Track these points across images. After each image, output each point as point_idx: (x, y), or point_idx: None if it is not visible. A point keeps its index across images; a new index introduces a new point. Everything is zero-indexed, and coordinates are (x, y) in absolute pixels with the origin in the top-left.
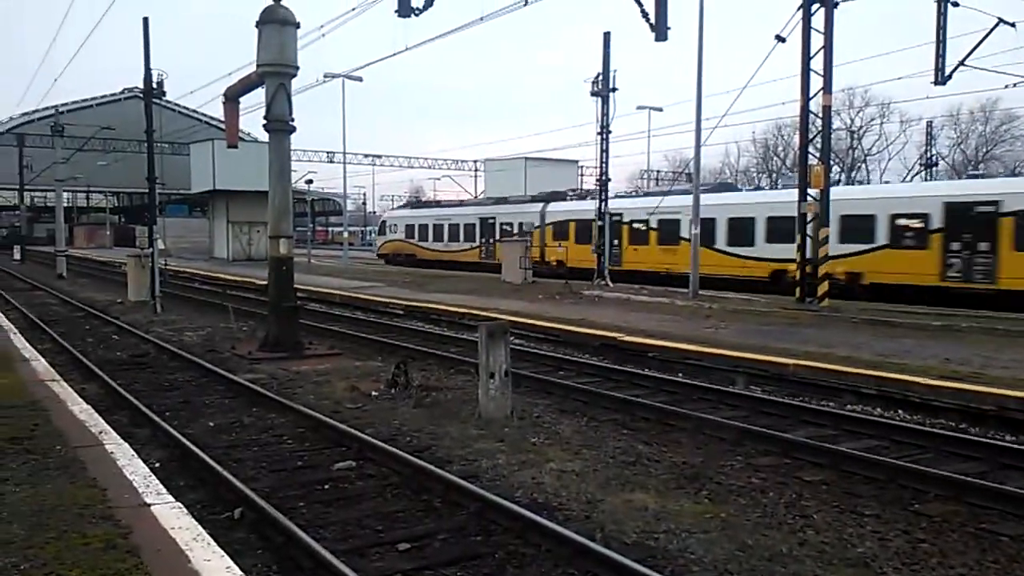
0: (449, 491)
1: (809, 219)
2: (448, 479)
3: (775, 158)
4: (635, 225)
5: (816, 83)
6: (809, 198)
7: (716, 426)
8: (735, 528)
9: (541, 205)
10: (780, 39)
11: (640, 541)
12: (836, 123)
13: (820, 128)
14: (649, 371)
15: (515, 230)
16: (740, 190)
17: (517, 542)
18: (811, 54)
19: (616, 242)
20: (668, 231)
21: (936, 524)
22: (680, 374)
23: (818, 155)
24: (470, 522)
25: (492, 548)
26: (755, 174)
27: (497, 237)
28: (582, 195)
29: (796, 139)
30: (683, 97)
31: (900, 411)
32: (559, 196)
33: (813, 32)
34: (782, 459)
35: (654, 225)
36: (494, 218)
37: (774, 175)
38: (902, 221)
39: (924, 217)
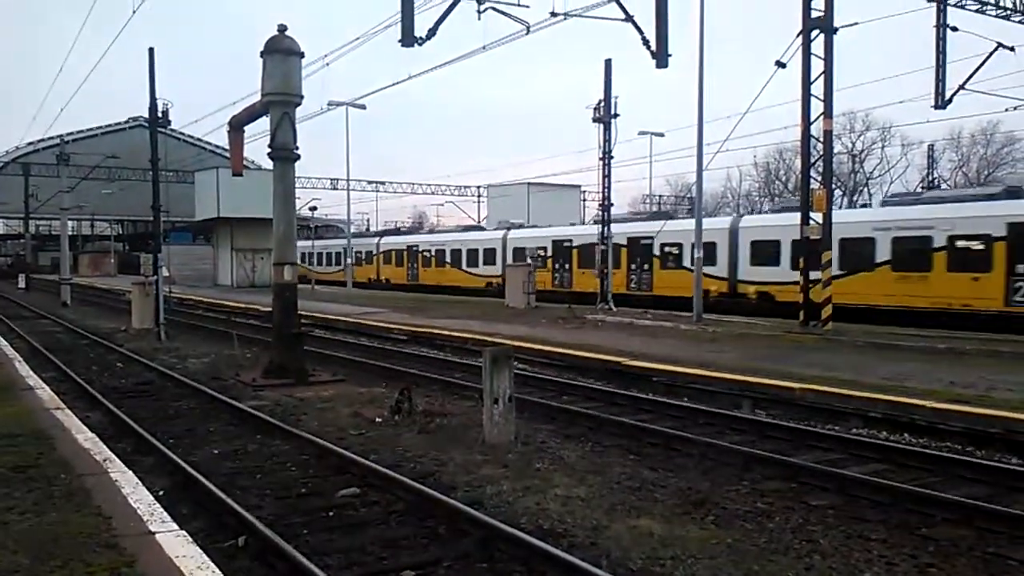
0: (454, 517)
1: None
2: (452, 505)
3: (777, 182)
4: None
5: (817, 108)
6: (812, 221)
7: (722, 451)
8: (741, 553)
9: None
10: (780, 65)
11: (646, 567)
12: (837, 147)
13: (822, 152)
14: (654, 395)
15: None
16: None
17: (522, 569)
18: (811, 79)
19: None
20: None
21: (944, 548)
22: (685, 398)
23: (820, 179)
24: (475, 549)
25: (497, 575)
26: (757, 198)
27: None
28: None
29: (798, 163)
30: (684, 122)
31: (906, 434)
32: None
33: (813, 58)
34: (788, 484)
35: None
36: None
37: (776, 199)
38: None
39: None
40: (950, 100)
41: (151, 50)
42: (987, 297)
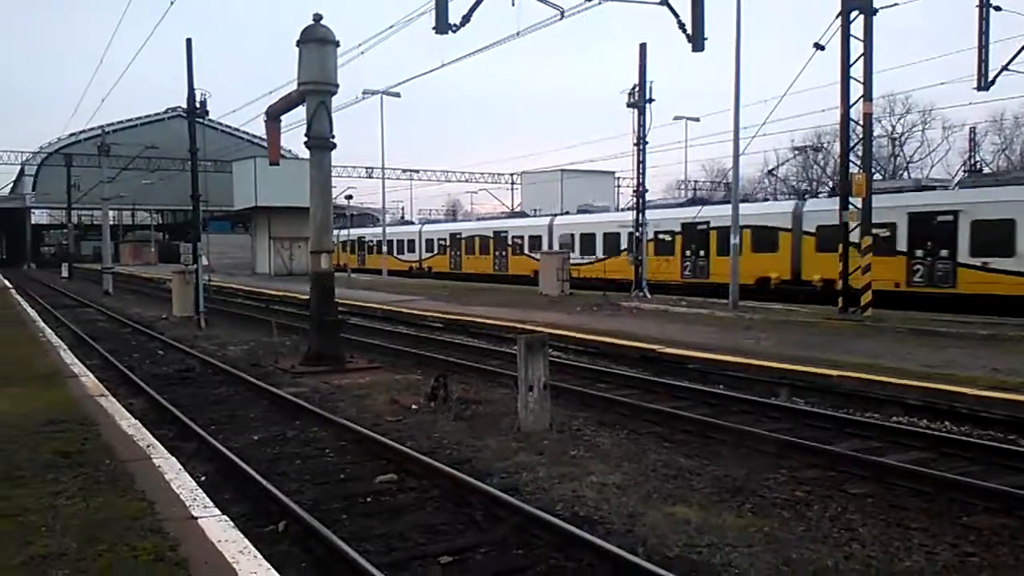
0: (490, 504)
1: (852, 228)
2: (489, 492)
3: (815, 166)
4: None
5: (856, 90)
6: (851, 207)
7: (759, 439)
8: (779, 542)
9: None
10: (819, 47)
11: (683, 555)
12: (877, 130)
13: (861, 136)
14: (689, 383)
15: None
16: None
17: (558, 556)
18: (851, 61)
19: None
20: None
21: (985, 537)
22: (721, 386)
23: (859, 163)
24: (511, 535)
25: (533, 562)
26: (795, 183)
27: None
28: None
29: (837, 147)
30: (720, 107)
31: (947, 422)
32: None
33: (852, 39)
34: (827, 472)
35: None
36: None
37: (814, 184)
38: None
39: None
40: (993, 82)
41: (189, 41)
42: (893, 278)
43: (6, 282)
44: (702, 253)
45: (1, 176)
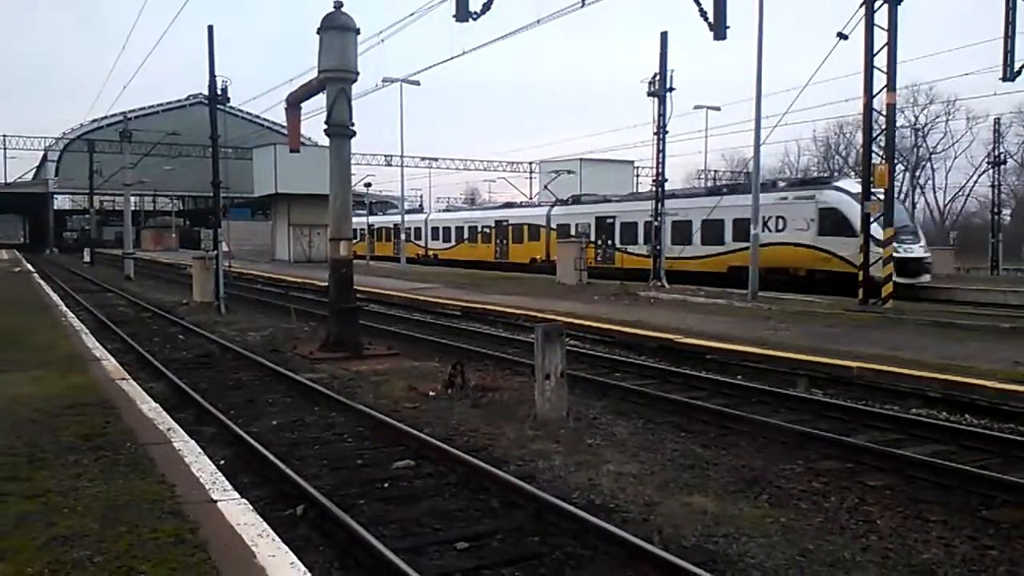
0: (506, 491)
1: (873, 219)
2: (505, 479)
3: (837, 157)
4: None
5: (879, 80)
6: (873, 197)
7: (776, 430)
8: (796, 533)
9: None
10: (842, 36)
11: (699, 544)
12: (900, 121)
13: (884, 126)
14: (707, 373)
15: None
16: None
17: (574, 543)
18: (874, 51)
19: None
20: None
21: (1005, 531)
22: (739, 376)
23: (882, 154)
24: (527, 523)
25: (549, 549)
26: (816, 173)
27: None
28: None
29: (859, 137)
30: (741, 96)
31: (967, 415)
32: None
33: (876, 29)
34: (844, 463)
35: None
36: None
37: (836, 174)
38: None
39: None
40: (1019, 72)
41: (210, 28)
42: (591, 258)
43: (29, 267)
44: (610, 243)
45: (24, 162)
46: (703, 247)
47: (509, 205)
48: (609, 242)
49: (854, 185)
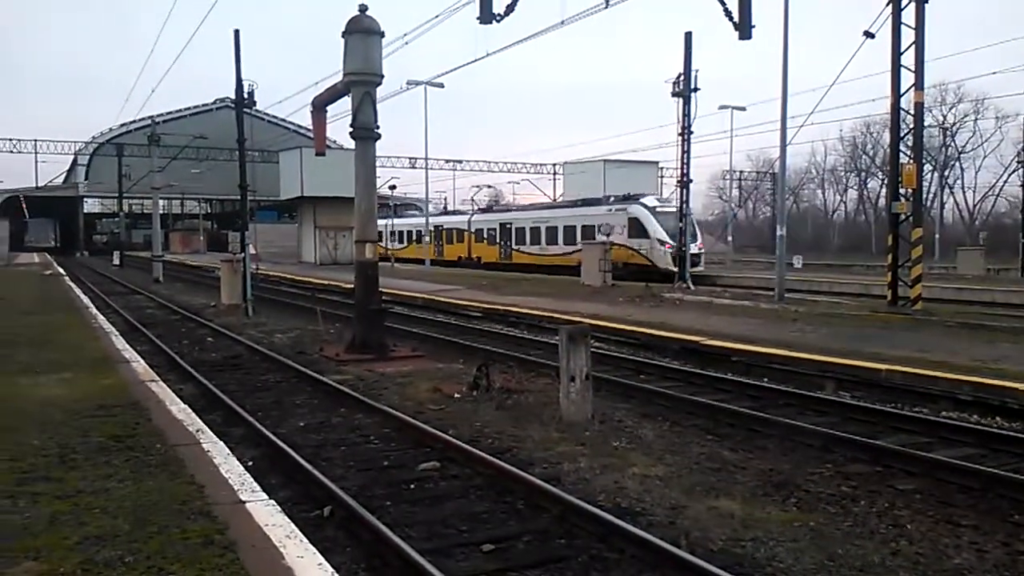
0: (531, 493)
1: (901, 219)
2: (530, 481)
3: (864, 157)
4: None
5: (907, 79)
6: (901, 198)
7: (804, 432)
8: (825, 537)
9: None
10: (869, 35)
11: (726, 548)
12: (928, 120)
13: (912, 126)
14: (733, 375)
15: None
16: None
17: (600, 546)
18: (901, 50)
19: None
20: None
21: None
22: (765, 379)
23: (910, 153)
24: (553, 525)
25: (575, 552)
26: (843, 173)
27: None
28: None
29: (886, 137)
30: (767, 96)
31: (998, 418)
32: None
33: (903, 27)
34: (873, 467)
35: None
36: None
37: (863, 174)
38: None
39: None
40: None
41: (237, 32)
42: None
43: (60, 269)
44: (510, 244)
45: (54, 166)
46: (565, 246)
47: (446, 212)
48: (507, 243)
49: (652, 201)
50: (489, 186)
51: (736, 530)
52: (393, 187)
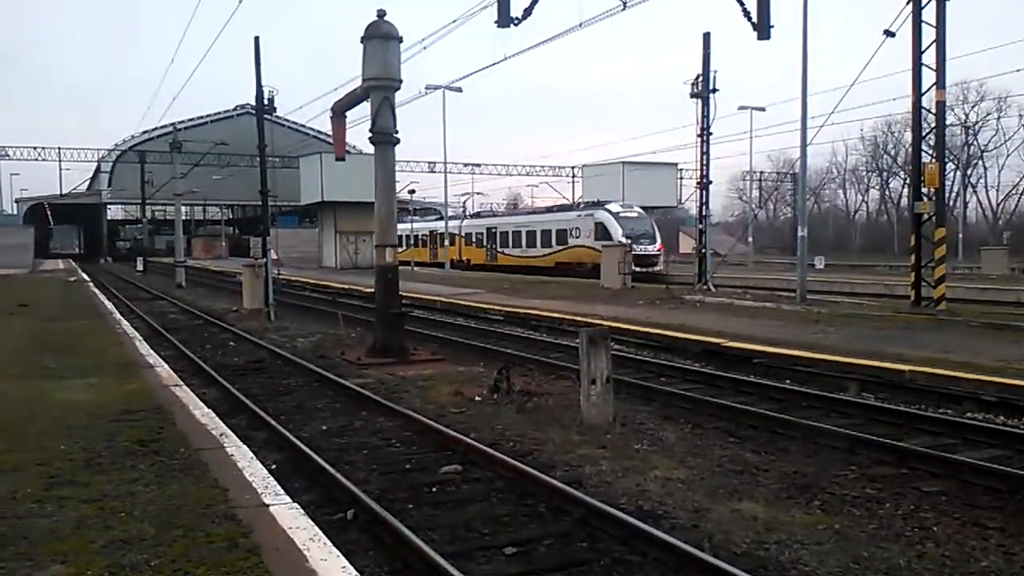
0: (553, 496)
1: (924, 219)
2: (552, 484)
3: (885, 156)
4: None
5: (928, 78)
6: (924, 198)
7: (827, 434)
8: (850, 540)
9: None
10: (889, 34)
11: (750, 551)
12: (950, 119)
13: (933, 125)
14: (755, 377)
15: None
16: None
17: (623, 549)
18: (922, 48)
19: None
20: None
21: None
22: (788, 381)
23: (932, 152)
24: (575, 528)
25: (598, 555)
26: (864, 173)
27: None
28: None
29: (908, 136)
30: (786, 96)
31: None
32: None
33: (924, 25)
34: (898, 469)
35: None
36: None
37: (884, 174)
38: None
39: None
40: None
41: (256, 39)
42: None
43: (84, 275)
44: (496, 247)
45: (78, 173)
46: (542, 249)
47: (440, 218)
48: (493, 246)
49: (616, 207)
50: (480, 192)
51: (760, 533)
52: (412, 191)
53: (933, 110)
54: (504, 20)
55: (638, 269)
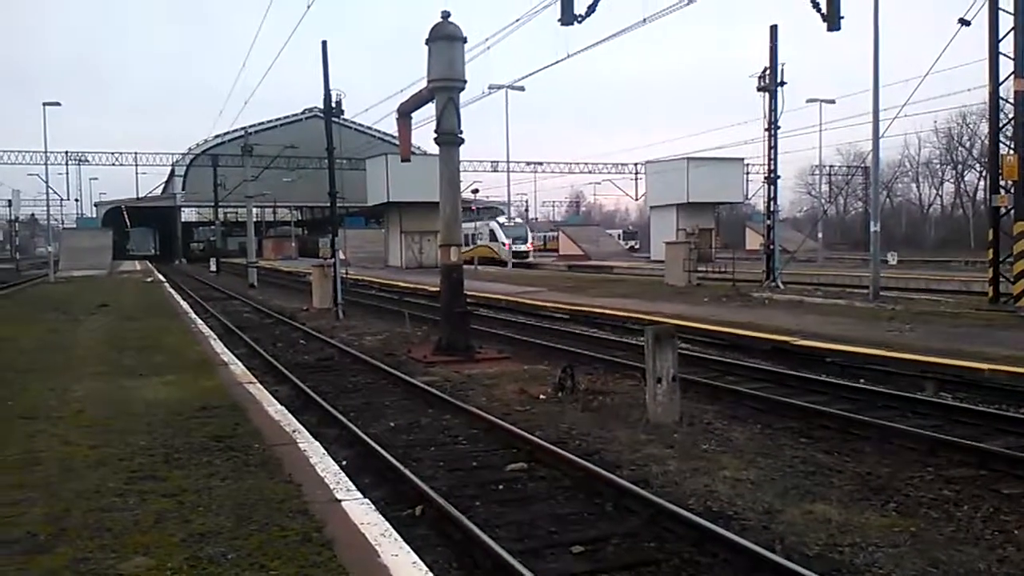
0: (620, 496)
1: (1002, 213)
2: (619, 483)
3: (960, 148)
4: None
5: (1006, 67)
6: (1001, 191)
7: (903, 435)
8: (927, 543)
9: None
10: (964, 22)
11: (823, 554)
12: None
13: (1011, 115)
14: (827, 377)
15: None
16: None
17: (692, 550)
18: (999, 36)
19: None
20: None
21: None
22: (861, 380)
23: (1010, 144)
24: (643, 528)
25: (666, 555)
26: (938, 166)
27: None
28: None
29: (984, 127)
30: (856, 88)
31: None
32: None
33: (1001, 13)
34: (977, 471)
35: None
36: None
37: (959, 167)
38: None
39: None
40: None
41: (324, 43)
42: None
43: (160, 277)
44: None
45: (154, 177)
46: (466, 247)
47: (469, 220)
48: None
49: (502, 219)
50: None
51: (833, 535)
52: (476, 191)
53: (1011, 100)
54: (568, 18)
55: (515, 260)
